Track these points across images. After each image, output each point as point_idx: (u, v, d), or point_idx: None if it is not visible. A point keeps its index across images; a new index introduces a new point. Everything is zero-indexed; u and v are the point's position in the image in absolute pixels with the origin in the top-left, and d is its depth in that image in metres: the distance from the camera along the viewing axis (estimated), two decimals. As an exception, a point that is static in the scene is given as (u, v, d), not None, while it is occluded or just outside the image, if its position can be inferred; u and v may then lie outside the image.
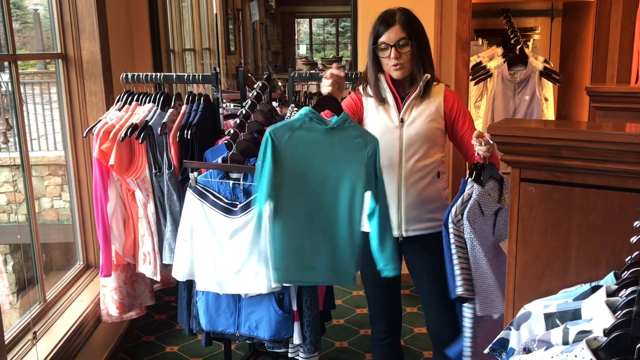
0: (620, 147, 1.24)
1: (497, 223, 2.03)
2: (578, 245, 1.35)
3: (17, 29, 5.80)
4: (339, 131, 1.97)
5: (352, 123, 2.00)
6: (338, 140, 1.97)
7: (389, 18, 2.16)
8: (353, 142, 1.98)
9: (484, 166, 2.04)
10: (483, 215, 2.00)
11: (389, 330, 2.44)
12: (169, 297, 3.96)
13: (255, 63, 11.45)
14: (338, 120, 1.97)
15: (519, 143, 1.37)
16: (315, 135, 1.96)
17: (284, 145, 1.94)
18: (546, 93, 3.67)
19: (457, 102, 2.28)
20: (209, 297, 2.40)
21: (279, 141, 1.94)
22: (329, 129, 1.96)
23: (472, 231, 1.96)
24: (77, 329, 2.74)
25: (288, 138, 1.95)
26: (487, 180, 2.05)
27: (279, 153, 1.94)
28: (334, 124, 1.96)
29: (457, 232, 1.99)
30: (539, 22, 3.98)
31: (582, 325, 1.08)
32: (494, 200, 2.02)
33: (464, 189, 2.05)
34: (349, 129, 1.98)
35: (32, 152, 5.97)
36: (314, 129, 1.96)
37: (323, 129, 1.96)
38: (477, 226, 1.98)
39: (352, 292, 4.06)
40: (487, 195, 2.00)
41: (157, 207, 2.64)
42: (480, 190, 1.99)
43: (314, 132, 1.96)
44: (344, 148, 1.98)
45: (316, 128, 1.96)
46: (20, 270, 4.93)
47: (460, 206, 2.00)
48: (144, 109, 2.69)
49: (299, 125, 1.96)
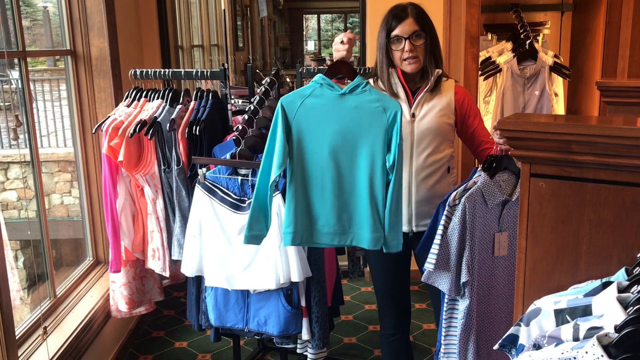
0: (632, 141, 1.22)
1: (504, 215, 2.02)
2: (589, 241, 1.34)
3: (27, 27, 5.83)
4: (355, 96, 1.95)
5: (368, 87, 1.98)
6: (354, 105, 1.95)
7: (400, 12, 2.16)
8: (371, 106, 1.95)
9: (498, 158, 2.04)
10: (486, 205, 1.99)
11: (398, 327, 2.43)
12: (178, 293, 3.97)
13: (263, 59, 11.45)
14: (351, 85, 1.95)
15: (529, 138, 1.36)
16: (327, 101, 1.95)
17: (296, 114, 1.94)
18: (556, 88, 3.64)
19: (468, 98, 2.29)
20: (217, 293, 2.40)
21: (291, 110, 1.93)
22: (341, 94, 1.94)
23: (462, 217, 1.97)
24: (87, 324, 2.75)
25: (299, 105, 1.94)
26: (501, 172, 2.04)
27: (291, 122, 1.94)
28: (347, 88, 1.94)
29: (449, 215, 2.00)
30: (548, 17, 3.95)
31: (593, 321, 1.07)
32: (501, 192, 2.00)
33: (472, 176, 2.05)
34: (366, 92, 1.96)
35: (42, 148, 6.01)
36: (326, 95, 1.94)
37: (335, 94, 1.94)
38: (477, 214, 1.98)
39: (361, 288, 4.06)
40: (492, 186, 1.99)
41: (166, 203, 2.65)
42: (486, 180, 1.99)
43: (326, 98, 1.94)
44: (360, 113, 1.95)
45: (327, 94, 1.94)
46: (30, 266, 4.96)
47: (461, 192, 2.00)
48: (153, 105, 2.69)
49: (310, 92, 1.95)
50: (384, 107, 1.95)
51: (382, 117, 1.95)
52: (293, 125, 1.95)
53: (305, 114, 1.95)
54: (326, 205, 2.01)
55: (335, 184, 1.99)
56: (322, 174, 1.99)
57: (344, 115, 1.95)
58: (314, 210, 2.02)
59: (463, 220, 1.97)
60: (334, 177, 1.99)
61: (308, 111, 1.94)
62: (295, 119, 1.95)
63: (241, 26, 9.48)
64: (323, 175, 1.99)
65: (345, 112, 1.95)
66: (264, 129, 2.45)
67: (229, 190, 2.31)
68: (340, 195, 2.00)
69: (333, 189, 2.00)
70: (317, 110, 1.95)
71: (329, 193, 2.00)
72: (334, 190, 2.00)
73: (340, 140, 1.96)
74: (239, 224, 2.26)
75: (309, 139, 1.96)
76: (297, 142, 1.97)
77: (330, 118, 1.95)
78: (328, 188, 2.00)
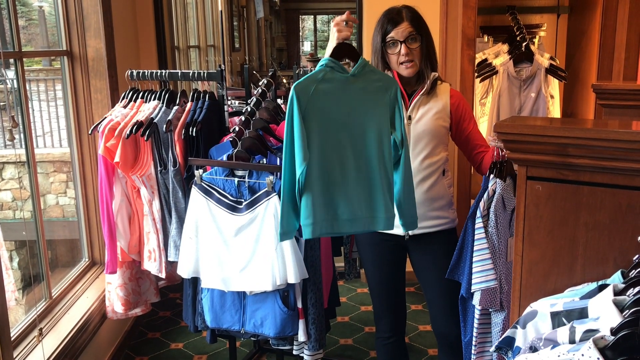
0: (628, 145, 1.23)
1: (513, 220, 2.03)
2: (585, 244, 1.34)
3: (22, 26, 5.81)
4: (361, 77, 1.93)
5: (370, 67, 1.97)
6: (361, 86, 1.93)
7: (395, 15, 2.16)
8: (375, 85, 1.94)
9: (503, 163, 2.04)
10: (505, 210, 2.00)
11: (394, 329, 2.43)
12: (174, 294, 3.97)
13: (260, 60, 11.45)
14: (358, 67, 1.93)
15: (525, 141, 1.36)
16: (339, 85, 1.92)
17: (310, 100, 1.89)
18: (552, 90, 3.65)
19: (463, 102, 2.30)
20: (214, 295, 2.40)
21: (305, 96, 1.88)
22: (350, 76, 1.92)
23: (495, 225, 1.97)
24: (82, 325, 2.75)
25: (313, 91, 1.89)
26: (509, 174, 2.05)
27: (305, 109, 1.89)
28: (354, 70, 1.92)
29: (484, 225, 1.99)
30: (544, 19, 3.96)
31: (589, 324, 1.08)
32: (514, 195, 2.02)
33: (486, 185, 2.05)
34: (369, 73, 1.95)
35: (38, 148, 5.99)
36: (337, 78, 1.91)
37: (345, 77, 1.92)
38: (500, 220, 1.98)
39: (357, 289, 4.06)
40: (509, 190, 2.01)
41: (163, 204, 2.65)
42: (503, 184, 2.00)
43: (338, 82, 1.92)
44: (367, 93, 1.94)
45: (338, 77, 1.91)
46: (25, 266, 4.94)
47: (487, 201, 2.00)
48: (149, 106, 2.69)
49: (322, 77, 1.90)
50: (386, 86, 1.95)
51: (385, 96, 1.94)
52: (307, 112, 1.90)
53: (320, 99, 1.90)
54: (345, 192, 1.95)
55: (352, 168, 1.95)
56: (339, 160, 1.94)
57: (354, 97, 1.93)
58: (333, 199, 1.95)
59: (497, 229, 1.97)
60: (351, 161, 1.94)
61: (322, 96, 1.90)
62: (309, 106, 1.89)
63: (238, 27, 9.47)
64: (340, 161, 1.94)
65: (354, 94, 1.93)
66: (260, 131, 2.45)
67: (225, 192, 2.31)
68: (357, 179, 1.95)
69: (350, 174, 1.95)
70: (330, 94, 1.91)
71: (347, 179, 1.95)
72: (351, 175, 1.95)
73: (351, 122, 1.93)
74: (236, 226, 2.26)
75: (324, 125, 1.92)
76: (312, 128, 1.91)
77: (342, 102, 1.92)
78: (346, 174, 1.94)
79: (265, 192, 2.23)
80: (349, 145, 1.94)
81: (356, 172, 1.95)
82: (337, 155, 1.93)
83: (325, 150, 1.92)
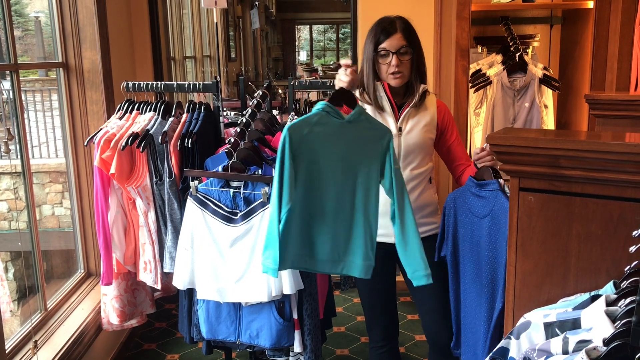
0: (620, 156, 1.24)
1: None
2: (577, 255, 1.35)
3: (19, 36, 5.82)
4: (356, 124, 1.95)
5: (366, 115, 1.99)
6: (355, 134, 1.95)
7: (388, 25, 2.18)
8: (368, 134, 1.96)
9: (495, 171, 2.07)
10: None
11: (387, 338, 2.44)
12: (170, 305, 3.96)
13: (255, 70, 11.49)
14: (354, 114, 1.95)
15: (518, 153, 1.38)
16: (332, 130, 1.94)
17: (302, 141, 1.91)
18: (546, 100, 3.68)
19: (448, 114, 2.34)
20: (209, 306, 2.40)
21: (298, 137, 1.91)
22: (345, 122, 1.94)
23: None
24: (78, 337, 2.74)
25: (306, 133, 1.92)
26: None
27: (296, 150, 1.91)
28: (350, 117, 1.95)
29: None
30: (538, 30, 3.99)
31: (582, 334, 1.09)
32: None
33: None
34: (364, 121, 1.97)
35: (33, 159, 5.99)
36: (331, 123, 1.93)
37: (340, 123, 1.94)
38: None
39: (353, 299, 4.06)
40: None
41: (158, 215, 2.65)
42: None
43: (332, 127, 1.93)
44: (360, 141, 1.95)
45: (333, 122, 1.93)
46: (21, 277, 4.93)
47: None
48: (145, 117, 2.70)
49: (316, 121, 1.93)
50: (380, 135, 1.97)
51: (377, 145, 1.96)
52: (298, 153, 1.93)
53: (312, 142, 1.93)
54: (324, 233, 1.99)
55: (334, 211, 1.98)
56: (323, 201, 1.97)
57: (347, 143, 1.95)
58: (311, 238, 1.99)
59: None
60: (334, 205, 1.98)
61: (314, 139, 1.93)
62: (301, 147, 1.92)
63: (234, 37, 9.51)
64: (323, 203, 1.97)
65: (348, 140, 1.95)
66: (256, 142, 2.46)
67: (221, 203, 2.31)
68: (339, 223, 1.99)
69: (332, 217, 1.98)
70: (323, 138, 1.94)
71: (328, 220, 1.98)
72: (333, 218, 1.98)
73: (341, 168, 1.96)
74: (231, 237, 2.27)
75: (313, 166, 1.95)
76: (301, 169, 1.94)
77: (334, 146, 1.95)
78: (328, 216, 1.98)
79: (261, 203, 2.24)
80: (334, 190, 1.97)
81: (338, 215, 1.98)
82: (321, 198, 1.97)
83: (311, 191, 1.96)
